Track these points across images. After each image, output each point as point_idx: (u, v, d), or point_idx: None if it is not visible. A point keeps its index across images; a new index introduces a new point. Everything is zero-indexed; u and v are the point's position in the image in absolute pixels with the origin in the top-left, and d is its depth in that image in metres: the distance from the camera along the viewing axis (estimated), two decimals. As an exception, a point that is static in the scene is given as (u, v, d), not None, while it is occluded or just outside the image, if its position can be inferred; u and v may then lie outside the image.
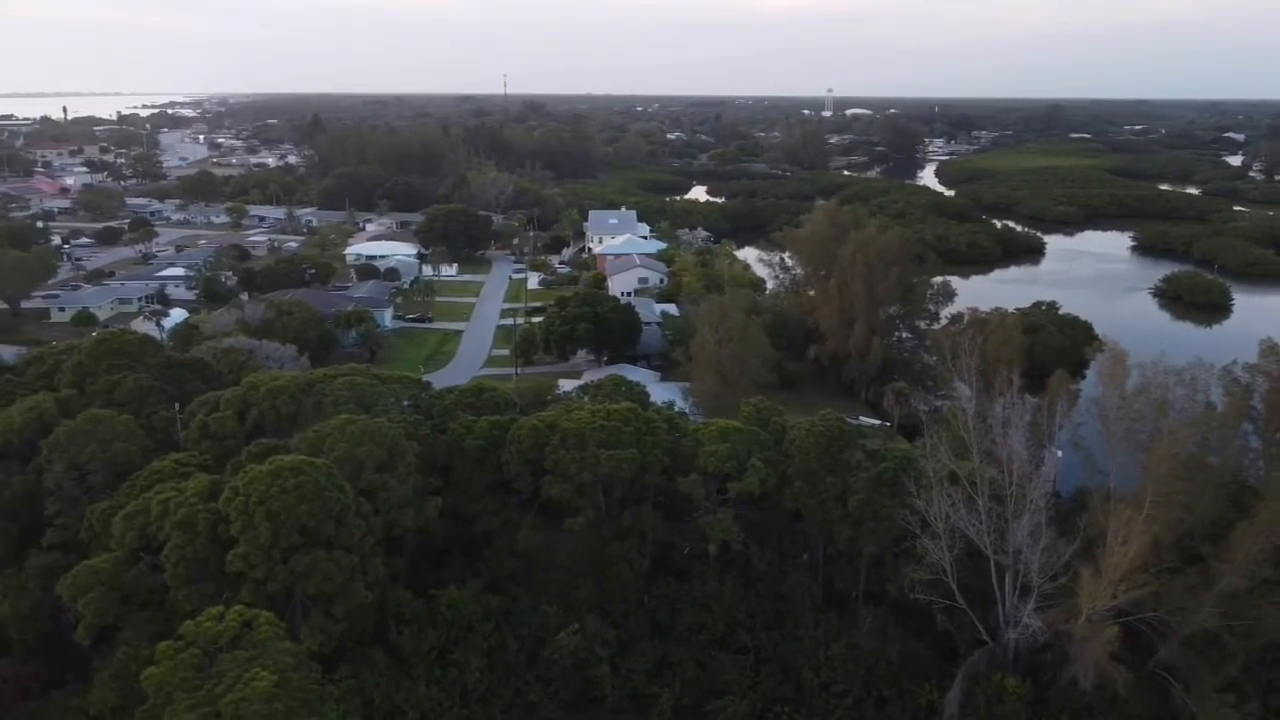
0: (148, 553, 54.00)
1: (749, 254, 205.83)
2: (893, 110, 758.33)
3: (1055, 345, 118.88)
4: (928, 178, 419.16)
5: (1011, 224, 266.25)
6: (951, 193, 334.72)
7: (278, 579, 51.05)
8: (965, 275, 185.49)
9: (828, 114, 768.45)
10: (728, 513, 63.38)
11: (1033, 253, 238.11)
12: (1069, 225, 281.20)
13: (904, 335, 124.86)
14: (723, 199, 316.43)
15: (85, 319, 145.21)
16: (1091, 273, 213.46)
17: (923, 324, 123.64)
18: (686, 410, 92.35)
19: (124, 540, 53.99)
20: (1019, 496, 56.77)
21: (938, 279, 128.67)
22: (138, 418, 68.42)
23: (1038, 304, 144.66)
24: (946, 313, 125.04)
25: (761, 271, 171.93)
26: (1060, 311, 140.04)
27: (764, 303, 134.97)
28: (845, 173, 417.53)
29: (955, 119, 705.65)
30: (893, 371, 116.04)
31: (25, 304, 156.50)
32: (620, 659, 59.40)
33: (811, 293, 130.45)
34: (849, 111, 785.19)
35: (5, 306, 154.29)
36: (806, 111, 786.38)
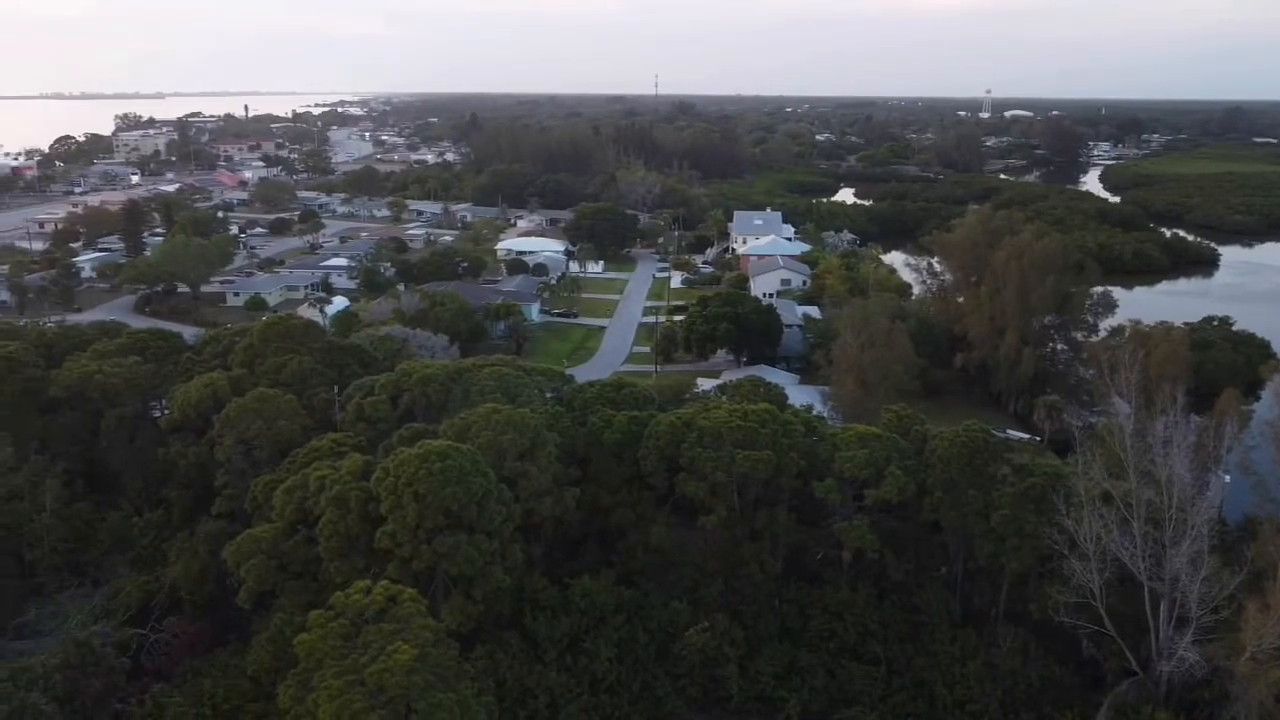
0: (305, 525, 57.14)
1: (896, 258, 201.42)
2: (1055, 112, 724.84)
3: (1226, 363, 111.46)
4: (1091, 183, 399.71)
5: (1182, 233, 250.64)
6: (1117, 199, 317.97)
7: (422, 558, 53.23)
8: (1128, 286, 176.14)
9: (985, 115, 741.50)
10: (864, 520, 62.30)
11: (1205, 264, 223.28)
12: (1247, 235, 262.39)
13: (1058, 346, 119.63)
14: (870, 201, 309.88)
15: (257, 304, 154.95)
16: (1272, 287, 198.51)
17: (1079, 335, 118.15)
18: (825, 414, 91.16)
19: (283, 513, 57.36)
20: (1179, 521, 53.64)
21: (1098, 289, 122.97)
22: (300, 398, 72.46)
23: (1208, 319, 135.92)
24: (1106, 325, 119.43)
25: (908, 276, 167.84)
26: (1234, 328, 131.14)
27: (909, 308, 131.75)
28: (1001, 176, 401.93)
29: (1123, 121, 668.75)
30: (1044, 384, 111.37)
31: (205, 288, 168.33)
32: (748, 660, 59.26)
33: (960, 299, 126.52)
34: (1008, 113, 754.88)
35: (188, 290, 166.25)
36: (962, 113, 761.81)
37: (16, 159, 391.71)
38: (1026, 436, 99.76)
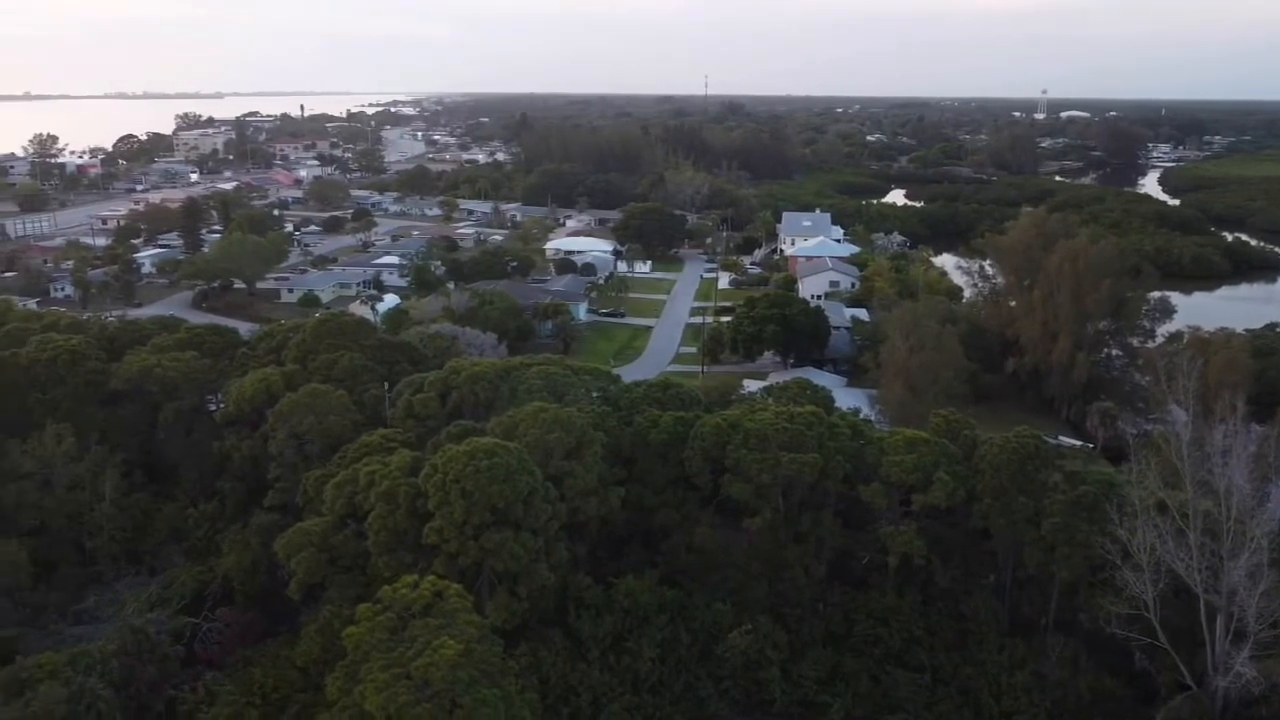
0: (354, 520, 58.02)
1: (947, 261, 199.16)
2: (1113, 113, 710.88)
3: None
4: (1150, 185, 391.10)
5: (1244, 237, 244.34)
6: (1176, 202, 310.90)
7: (468, 554, 53.80)
8: (1187, 291, 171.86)
9: (1040, 116, 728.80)
10: (910, 525, 61.71)
11: (1269, 269, 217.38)
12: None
13: (1113, 352, 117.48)
14: (921, 203, 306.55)
15: (310, 301, 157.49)
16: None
17: (1135, 341, 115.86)
18: (872, 418, 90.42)
19: (334, 506, 58.31)
20: (1237, 533, 52.35)
21: (1155, 294, 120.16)
22: (351, 394, 73.56)
23: (1271, 325, 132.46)
24: (1163, 330, 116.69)
25: (959, 279, 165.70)
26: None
27: (960, 311, 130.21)
28: (1056, 178, 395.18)
29: (1184, 122, 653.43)
30: (1098, 390, 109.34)
31: (260, 284, 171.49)
32: (791, 664, 59.03)
33: (1013, 303, 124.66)
34: (1064, 114, 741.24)
35: (243, 286, 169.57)
36: (1017, 114, 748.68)
37: (82, 158, 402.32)
38: (1079, 443, 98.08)
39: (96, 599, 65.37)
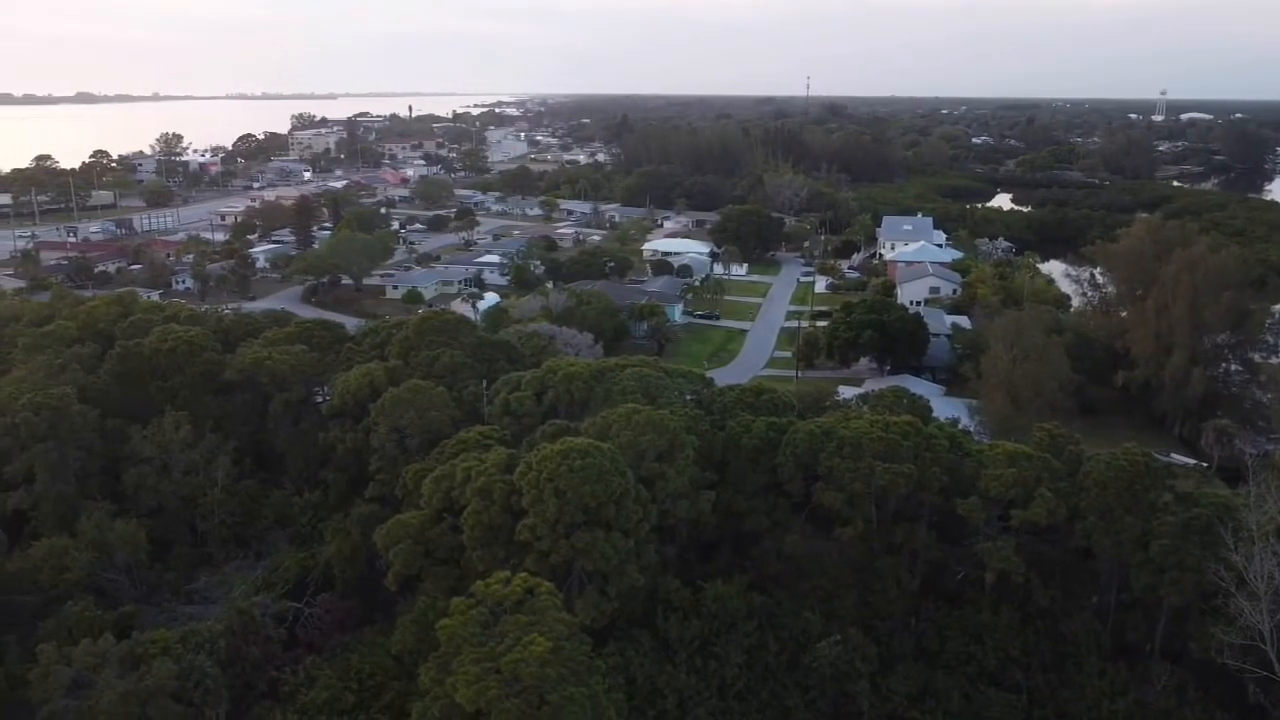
0: (450, 514, 59.34)
1: (1054, 268, 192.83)
2: (1238, 114, 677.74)
3: None
4: (1277, 192, 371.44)
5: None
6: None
7: (560, 552, 54.51)
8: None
9: (1158, 118, 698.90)
10: (1009, 541, 60.04)
11: None
12: None
13: (1232, 367, 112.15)
14: (1029, 208, 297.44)
15: (414, 297, 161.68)
16: None
17: (1257, 356, 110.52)
18: (971, 429, 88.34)
19: (431, 500, 59.77)
20: (1363, 564, 49.51)
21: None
22: (451, 390, 75.31)
23: None
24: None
25: (1067, 287, 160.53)
26: None
27: (1067, 321, 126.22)
28: (1174, 184, 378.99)
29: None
30: (1215, 407, 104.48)
31: (366, 281, 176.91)
32: (881, 677, 58.08)
33: (1124, 314, 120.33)
34: (1184, 115, 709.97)
35: (350, 282, 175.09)
36: (1133, 116, 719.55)
37: (204, 156, 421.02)
38: (1192, 462, 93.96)
39: (206, 579, 68.59)
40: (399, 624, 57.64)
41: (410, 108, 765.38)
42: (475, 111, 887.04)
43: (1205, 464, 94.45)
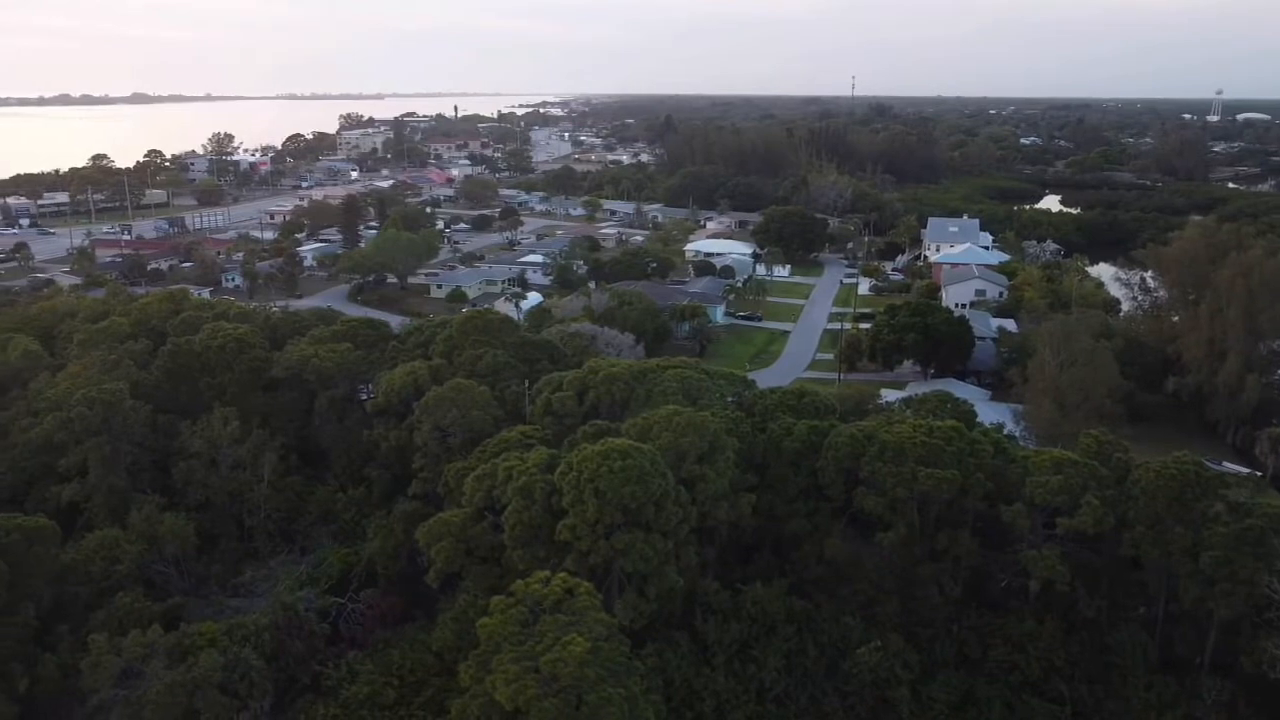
0: (491, 512, 59.86)
1: (1103, 271, 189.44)
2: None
3: None
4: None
5: None
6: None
7: (599, 553, 54.71)
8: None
9: (1214, 118, 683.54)
10: (1054, 550, 59.13)
11: None
12: None
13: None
14: (1078, 209, 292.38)
15: (458, 296, 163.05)
16: None
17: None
18: (1016, 435, 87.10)
19: (473, 499, 60.27)
20: None
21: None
22: (493, 389, 75.89)
23: None
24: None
25: (1116, 291, 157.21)
26: None
27: (1117, 326, 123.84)
28: (1230, 185, 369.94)
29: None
30: (1270, 415, 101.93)
31: (411, 279, 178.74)
32: (921, 685, 57.52)
33: (1175, 319, 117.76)
34: (1241, 116, 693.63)
35: (396, 281, 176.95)
36: (1187, 116, 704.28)
37: (254, 155, 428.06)
38: (1246, 471, 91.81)
39: (252, 573, 69.63)
40: (440, 621, 58.23)
41: (456, 108, 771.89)
42: (520, 111, 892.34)
43: (1259, 473, 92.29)
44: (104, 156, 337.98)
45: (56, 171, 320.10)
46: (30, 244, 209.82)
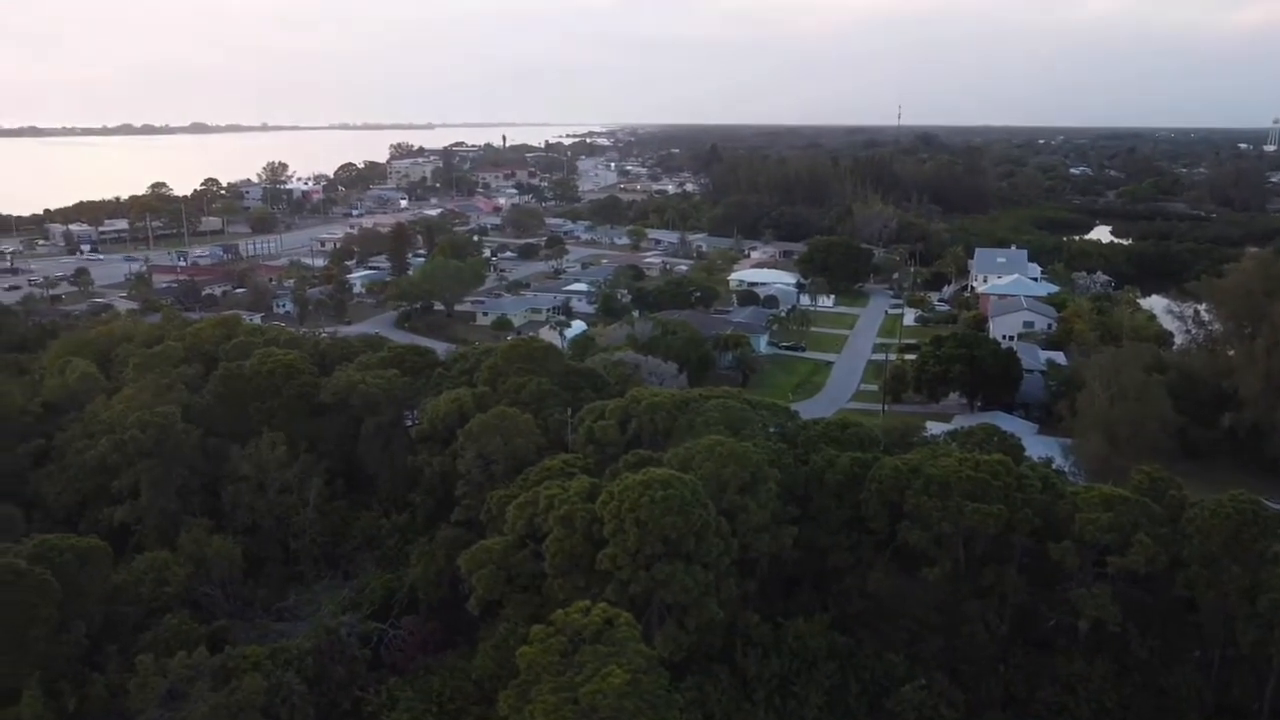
0: (533, 540, 59.90)
1: (1155, 303, 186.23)
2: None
3: None
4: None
5: None
6: None
7: (639, 583, 54.49)
8: None
9: (1271, 148, 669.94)
10: (1105, 589, 57.81)
11: None
12: None
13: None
14: (1129, 240, 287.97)
15: (503, 324, 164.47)
16: None
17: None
18: (1065, 470, 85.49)
19: (514, 526, 60.47)
20: None
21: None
22: (536, 417, 76.25)
23: None
24: None
25: (1169, 324, 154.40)
26: None
27: (1169, 359, 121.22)
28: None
29: None
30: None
31: (458, 307, 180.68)
32: (967, 724, 56.38)
33: (1231, 352, 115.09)
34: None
35: (442, 308, 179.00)
36: (1243, 146, 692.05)
37: (307, 184, 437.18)
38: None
39: (296, 598, 70.41)
40: (480, 649, 58.31)
41: (504, 137, 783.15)
42: (567, 141, 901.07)
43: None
44: (162, 184, 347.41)
45: (117, 199, 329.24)
46: (89, 269, 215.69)
